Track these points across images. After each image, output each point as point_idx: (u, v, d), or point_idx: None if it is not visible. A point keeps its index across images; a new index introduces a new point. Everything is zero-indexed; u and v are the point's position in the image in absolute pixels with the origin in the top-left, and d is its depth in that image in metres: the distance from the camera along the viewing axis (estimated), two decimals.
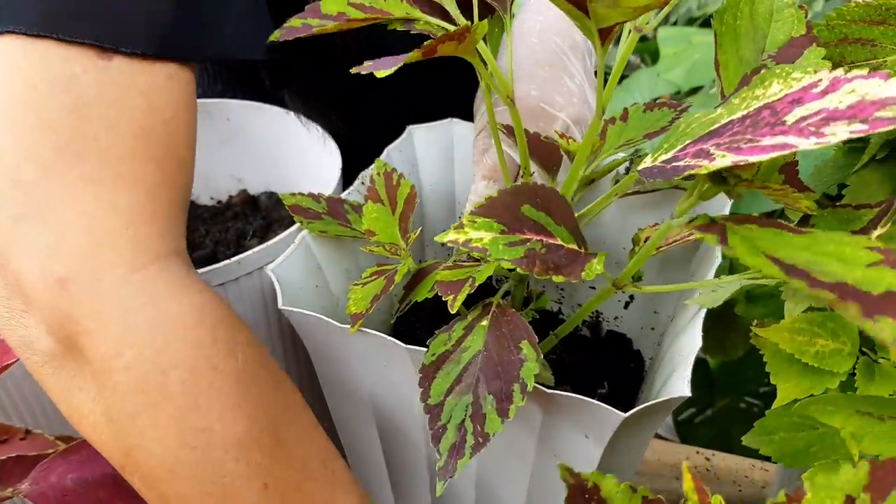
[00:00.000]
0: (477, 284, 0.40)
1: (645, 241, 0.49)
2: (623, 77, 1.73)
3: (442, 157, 0.61)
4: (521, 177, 0.44)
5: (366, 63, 0.36)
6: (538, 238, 0.37)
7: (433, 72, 0.75)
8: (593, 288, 0.62)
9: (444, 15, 0.41)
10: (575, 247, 0.38)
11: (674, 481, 0.85)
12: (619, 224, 0.57)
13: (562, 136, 0.49)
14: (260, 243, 0.64)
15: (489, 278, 0.64)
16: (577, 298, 0.63)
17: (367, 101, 0.76)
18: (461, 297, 0.39)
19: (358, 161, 0.57)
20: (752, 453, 0.87)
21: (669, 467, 0.86)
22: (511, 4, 0.42)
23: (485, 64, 0.40)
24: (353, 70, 0.35)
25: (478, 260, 0.43)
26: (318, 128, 0.63)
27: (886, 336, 0.22)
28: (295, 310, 0.43)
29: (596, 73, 0.41)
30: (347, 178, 0.56)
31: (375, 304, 0.42)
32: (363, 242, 0.49)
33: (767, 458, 0.41)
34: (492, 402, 0.37)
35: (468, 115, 0.58)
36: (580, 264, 0.36)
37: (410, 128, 0.60)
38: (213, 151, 0.68)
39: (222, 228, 0.67)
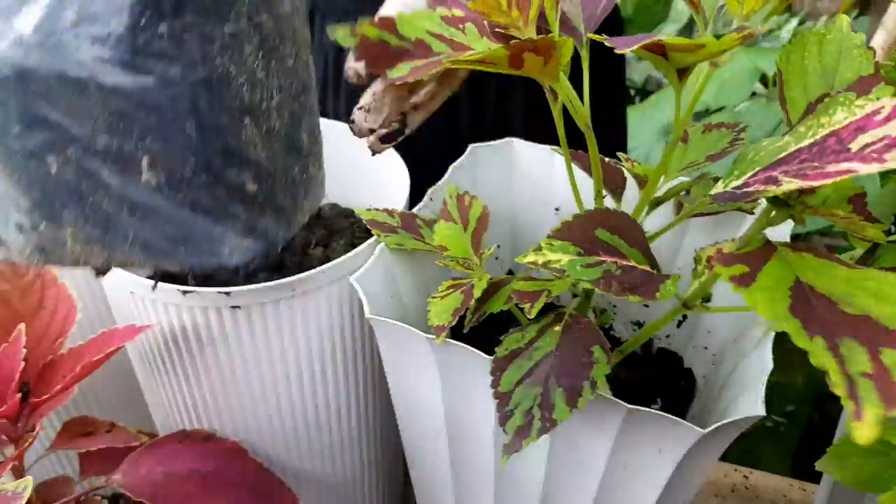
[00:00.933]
0: (553, 296, 0.42)
1: (707, 262, 0.51)
2: (649, 92, 1.76)
3: (501, 176, 0.64)
4: (594, 200, 0.47)
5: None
6: (613, 260, 0.40)
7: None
8: (646, 305, 0.64)
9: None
10: (647, 268, 0.41)
11: (712, 498, 0.86)
12: (675, 244, 0.59)
13: (627, 159, 0.51)
14: (324, 252, 0.68)
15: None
16: (628, 315, 0.65)
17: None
18: (538, 304, 0.42)
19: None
20: (781, 471, 0.89)
21: (708, 484, 0.87)
22: (587, 41, 0.45)
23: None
24: None
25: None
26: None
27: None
28: (381, 318, 0.46)
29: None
30: None
31: (457, 316, 0.45)
32: (436, 256, 0.52)
33: (804, 478, 0.43)
34: (561, 394, 0.40)
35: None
36: (654, 285, 0.39)
37: (472, 147, 0.63)
38: None
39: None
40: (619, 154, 0.51)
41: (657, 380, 0.61)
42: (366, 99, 0.48)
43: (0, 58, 0.34)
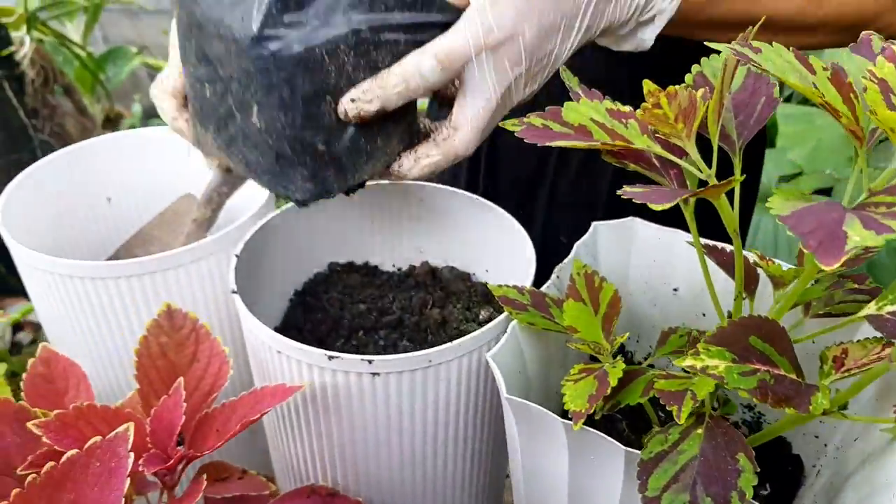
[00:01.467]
0: (699, 400, 0.44)
1: (834, 362, 0.52)
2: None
3: (621, 253, 0.66)
4: (734, 301, 0.48)
5: (629, 188, 0.40)
6: (766, 368, 0.41)
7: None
8: None
9: (680, 153, 0.46)
10: (795, 376, 0.42)
11: None
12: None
13: (761, 257, 0.53)
14: (440, 313, 0.71)
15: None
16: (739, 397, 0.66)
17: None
18: (686, 409, 0.43)
19: None
20: None
21: None
22: (740, 149, 0.47)
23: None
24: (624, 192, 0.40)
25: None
26: (508, 216, 0.69)
27: None
28: (517, 399, 0.48)
29: None
30: None
31: (594, 404, 0.47)
32: (564, 336, 0.54)
33: None
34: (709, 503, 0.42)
35: None
36: (806, 397, 0.40)
37: (595, 224, 0.65)
38: (403, 224, 0.75)
39: (406, 296, 0.73)
40: (755, 252, 0.53)
41: (766, 465, 0.62)
42: None
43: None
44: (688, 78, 0.50)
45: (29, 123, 1.55)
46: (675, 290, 0.65)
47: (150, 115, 2.53)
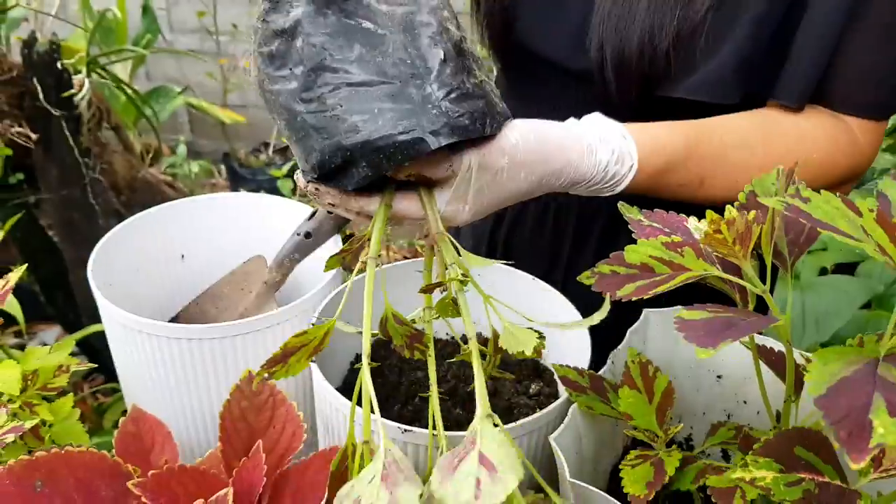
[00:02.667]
0: (748, 500, 0.48)
1: (873, 461, 0.56)
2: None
3: (668, 339, 0.70)
4: (784, 403, 0.53)
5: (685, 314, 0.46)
6: (811, 477, 0.46)
7: None
8: None
9: (737, 272, 0.51)
10: (839, 482, 0.46)
11: None
12: None
13: (808, 360, 0.57)
14: (493, 384, 0.75)
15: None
16: None
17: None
18: None
19: None
20: None
21: None
22: (792, 265, 0.52)
23: None
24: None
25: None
26: (564, 298, 0.73)
27: None
28: (582, 484, 0.53)
29: None
30: None
31: (653, 491, 0.51)
32: (616, 419, 0.59)
33: None
34: None
35: None
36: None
37: (645, 311, 0.69)
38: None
39: (460, 365, 0.78)
40: (803, 354, 0.57)
41: None
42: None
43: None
44: (741, 196, 0.55)
45: (82, 161, 1.62)
46: (719, 377, 0.69)
47: (195, 155, 2.61)
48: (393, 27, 0.52)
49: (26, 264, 0.77)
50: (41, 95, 1.48)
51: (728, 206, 0.51)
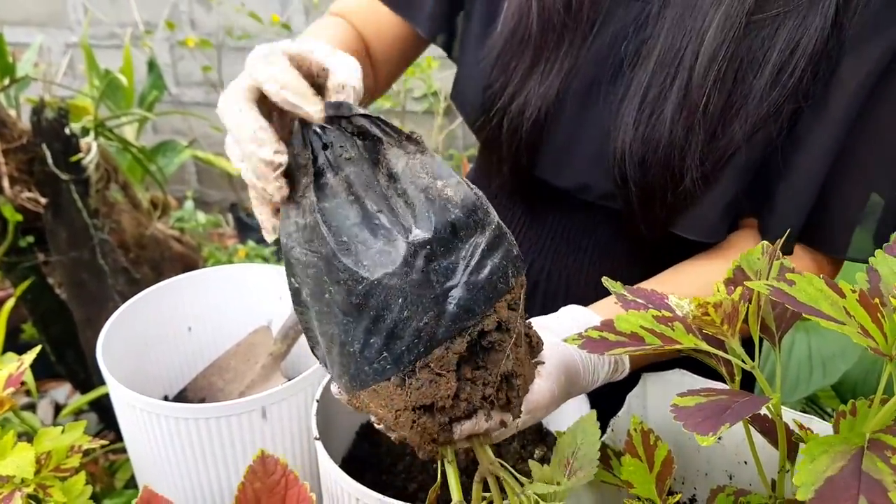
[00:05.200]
0: None
1: None
2: None
3: (667, 402, 0.71)
4: (778, 474, 0.54)
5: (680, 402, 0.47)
6: None
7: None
8: None
9: (722, 346, 0.52)
10: None
11: None
12: None
13: (801, 426, 0.58)
14: (496, 450, 0.76)
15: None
16: None
17: None
18: None
19: None
20: None
21: None
22: (780, 340, 0.53)
23: None
24: None
25: None
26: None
27: None
28: None
29: None
30: None
31: None
32: (618, 488, 0.60)
33: None
34: None
35: None
36: None
37: (644, 375, 0.71)
38: None
39: None
40: (796, 420, 0.58)
41: None
42: None
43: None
44: (728, 272, 0.57)
45: (90, 223, 1.64)
46: (719, 438, 0.70)
47: (203, 206, 2.64)
48: None
49: (36, 328, 0.78)
50: (50, 160, 1.51)
51: (717, 284, 0.52)
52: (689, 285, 0.70)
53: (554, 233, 0.83)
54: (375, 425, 0.51)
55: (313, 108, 0.46)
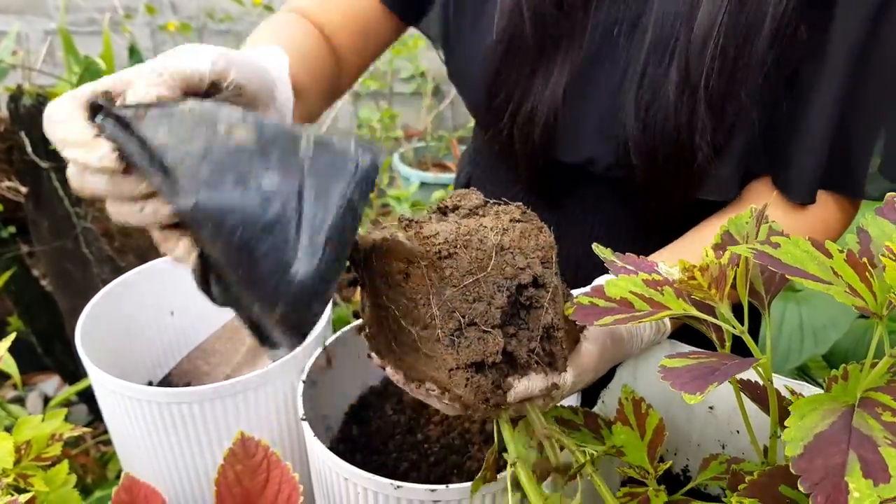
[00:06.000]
0: None
1: None
2: None
3: (657, 373, 0.71)
4: (770, 439, 0.53)
5: (668, 363, 0.46)
6: None
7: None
8: None
9: (712, 312, 0.51)
10: None
11: None
12: None
13: (792, 392, 0.57)
14: (483, 426, 0.75)
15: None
16: None
17: None
18: None
19: None
20: None
21: None
22: (769, 304, 0.52)
23: None
24: None
25: None
26: None
27: None
28: None
29: None
30: None
31: None
32: (614, 458, 0.59)
33: None
34: None
35: None
36: None
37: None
38: None
39: None
40: (788, 386, 0.58)
41: None
42: None
43: None
44: (716, 237, 0.55)
45: (73, 211, 1.62)
46: (711, 408, 0.69)
47: None
48: None
49: (21, 320, 0.77)
50: (29, 148, 1.49)
51: (705, 249, 0.51)
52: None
53: (565, 212, 0.82)
54: (430, 395, 0.53)
55: (95, 156, 0.44)
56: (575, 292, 0.61)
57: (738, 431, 0.69)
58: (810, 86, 0.67)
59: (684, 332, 0.66)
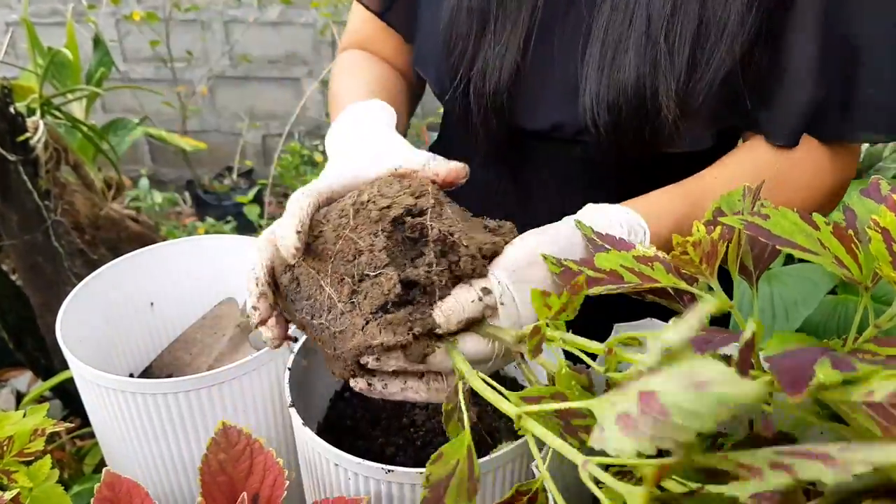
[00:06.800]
0: None
1: None
2: None
3: (640, 353, 0.71)
4: None
5: None
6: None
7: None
8: None
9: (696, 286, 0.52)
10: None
11: None
12: None
13: None
14: (476, 412, 0.75)
15: None
16: None
17: None
18: None
19: None
20: None
21: None
22: (757, 279, 0.53)
23: None
24: None
25: None
26: None
27: None
28: None
29: None
30: None
31: None
32: None
33: None
34: None
35: None
36: None
37: (617, 325, 0.70)
38: None
39: None
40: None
41: None
42: None
43: None
44: (707, 213, 0.56)
45: (42, 205, 1.59)
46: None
47: (158, 185, 2.58)
48: None
49: None
50: None
51: (696, 224, 0.52)
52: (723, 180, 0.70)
53: (537, 185, 0.81)
54: (406, 390, 0.53)
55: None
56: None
57: None
58: (784, 27, 0.67)
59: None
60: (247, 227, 2.53)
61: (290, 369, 0.68)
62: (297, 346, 0.71)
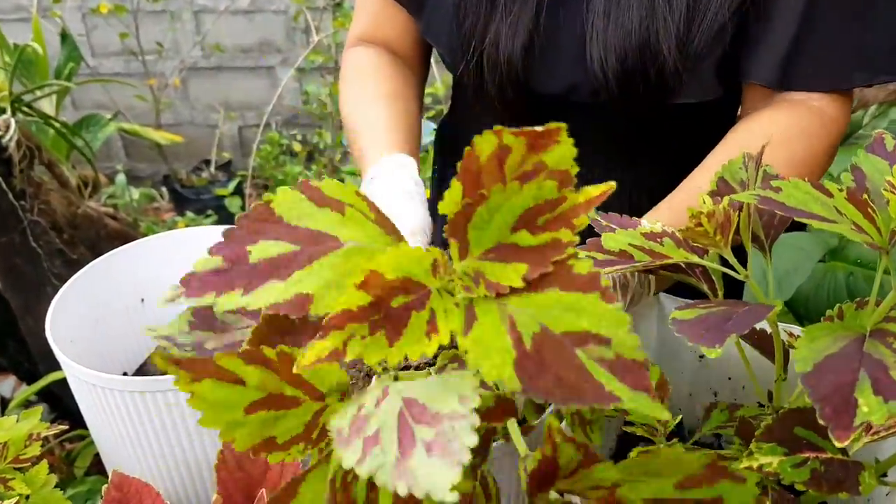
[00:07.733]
0: None
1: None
2: None
3: (649, 324, 0.71)
4: (775, 383, 0.53)
5: (678, 315, 0.45)
6: (815, 455, 0.46)
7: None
8: None
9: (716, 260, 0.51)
10: (841, 455, 0.47)
11: None
12: None
13: (791, 335, 0.58)
14: None
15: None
16: None
17: None
18: None
19: None
20: None
21: None
22: (770, 248, 0.52)
23: None
24: None
25: None
26: None
27: None
28: None
29: None
30: None
31: None
32: (613, 419, 0.59)
33: None
34: None
35: None
36: (855, 478, 0.45)
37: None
38: None
39: None
40: (787, 329, 0.58)
41: None
42: None
43: None
44: (711, 184, 0.55)
45: (17, 205, 1.56)
46: (701, 357, 0.70)
47: (134, 181, 2.53)
48: None
49: None
50: None
51: (702, 196, 0.51)
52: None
53: None
54: None
55: None
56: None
57: (729, 378, 0.69)
58: None
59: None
60: (228, 220, 2.50)
61: None
62: None
